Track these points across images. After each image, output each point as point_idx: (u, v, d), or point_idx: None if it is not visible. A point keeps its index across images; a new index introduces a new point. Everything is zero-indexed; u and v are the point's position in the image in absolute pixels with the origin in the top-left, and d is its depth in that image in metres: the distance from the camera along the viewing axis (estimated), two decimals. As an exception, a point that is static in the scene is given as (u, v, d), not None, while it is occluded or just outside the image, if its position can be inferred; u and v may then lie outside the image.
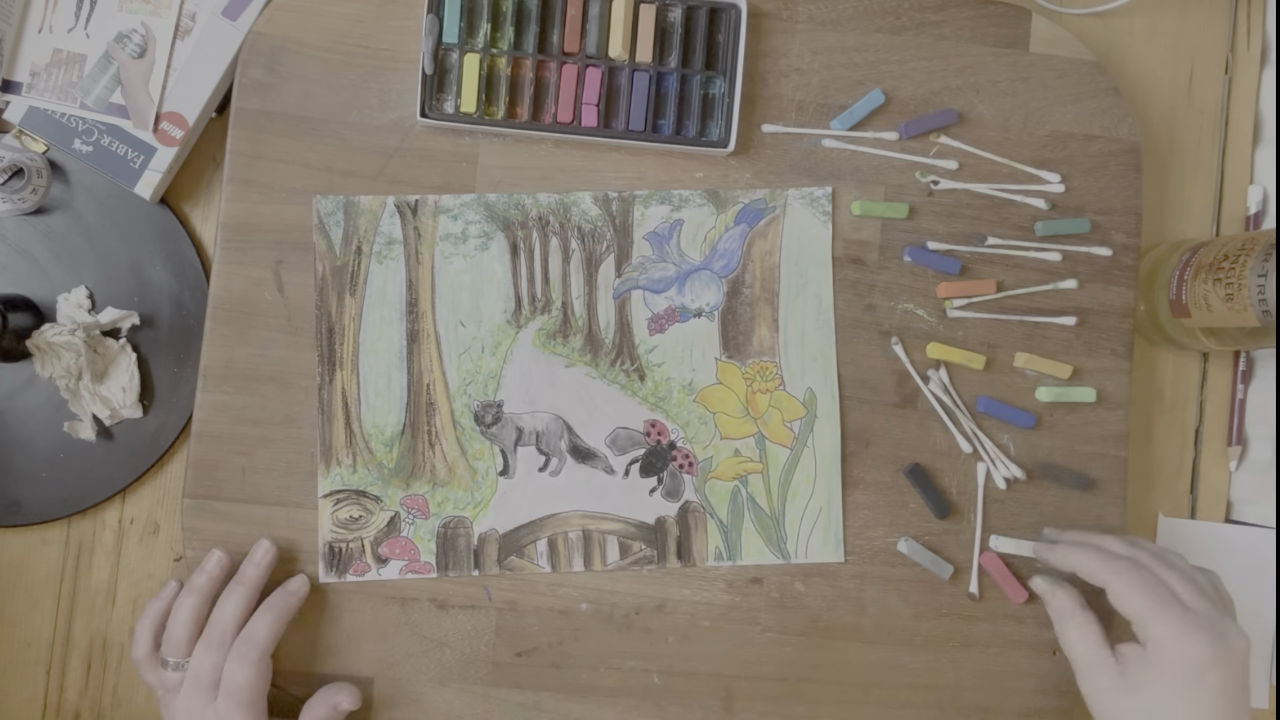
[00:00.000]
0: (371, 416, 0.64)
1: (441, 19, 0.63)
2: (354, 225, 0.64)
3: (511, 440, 0.64)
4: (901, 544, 0.66)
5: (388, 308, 0.64)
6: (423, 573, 0.64)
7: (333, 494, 0.63)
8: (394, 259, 0.64)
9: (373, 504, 0.64)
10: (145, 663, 0.60)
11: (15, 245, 0.66)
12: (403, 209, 0.64)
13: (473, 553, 0.64)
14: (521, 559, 0.64)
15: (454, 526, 0.64)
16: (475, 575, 0.64)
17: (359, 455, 0.64)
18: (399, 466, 0.64)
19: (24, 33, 0.64)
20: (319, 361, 0.64)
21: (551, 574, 0.64)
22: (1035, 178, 0.67)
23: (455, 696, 0.64)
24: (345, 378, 0.64)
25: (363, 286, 0.64)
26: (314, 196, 0.64)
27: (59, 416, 0.66)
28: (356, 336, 0.64)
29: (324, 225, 0.64)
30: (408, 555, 0.64)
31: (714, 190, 0.66)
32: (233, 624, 0.59)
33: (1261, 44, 0.73)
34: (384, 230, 0.64)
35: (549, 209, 0.65)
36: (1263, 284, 0.60)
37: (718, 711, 0.65)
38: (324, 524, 0.63)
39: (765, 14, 0.66)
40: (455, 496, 0.64)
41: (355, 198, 0.64)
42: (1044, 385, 0.67)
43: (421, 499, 0.64)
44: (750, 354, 0.66)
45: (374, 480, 0.64)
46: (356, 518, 0.64)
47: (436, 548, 0.64)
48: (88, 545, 0.68)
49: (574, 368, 0.65)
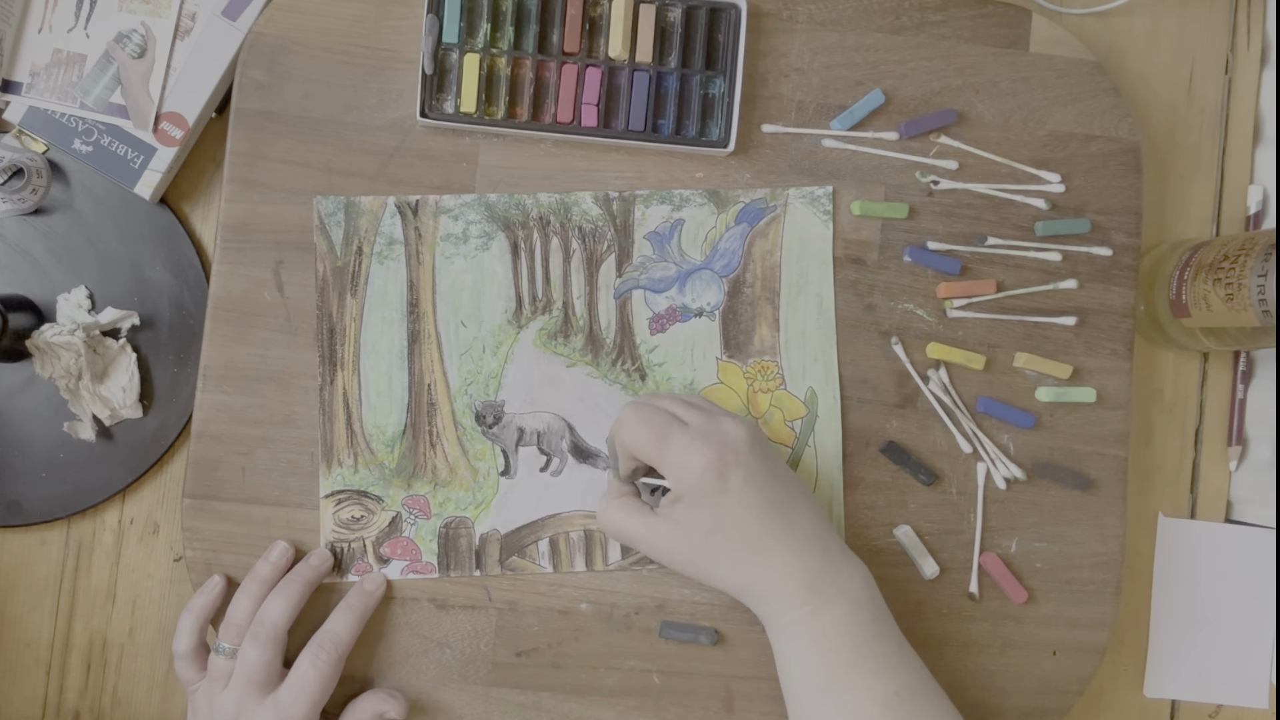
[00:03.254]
0: (373, 417, 0.64)
1: (441, 19, 0.63)
2: (355, 226, 0.64)
3: (513, 440, 0.64)
4: (898, 530, 0.66)
5: (389, 308, 0.64)
6: (424, 573, 0.64)
7: (334, 494, 0.63)
8: (395, 259, 0.64)
9: (374, 504, 0.64)
10: (188, 657, 0.60)
11: (15, 245, 0.66)
12: (403, 209, 0.64)
13: (474, 553, 0.64)
14: (523, 559, 0.64)
15: (455, 527, 0.64)
16: (477, 575, 0.64)
17: (360, 456, 0.64)
18: (400, 467, 0.64)
19: (24, 33, 0.64)
20: (320, 362, 0.64)
21: (552, 574, 0.64)
22: (1035, 178, 0.67)
23: (455, 696, 0.64)
24: (346, 378, 0.64)
25: (363, 287, 0.64)
26: (314, 197, 0.64)
27: (59, 416, 0.66)
28: (357, 337, 0.64)
29: (325, 226, 0.64)
30: (409, 555, 0.64)
31: (714, 190, 0.66)
32: (284, 620, 0.59)
33: (1261, 44, 0.73)
34: (385, 230, 0.64)
35: (549, 209, 0.65)
36: (1263, 284, 0.60)
37: (718, 711, 0.65)
38: (325, 524, 0.63)
39: (765, 14, 0.66)
40: (457, 497, 0.64)
41: (356, 198, 0.64)
42: (1044, 385, 0.67)
43: (423, 499, 0.64)
44: (751, 353, 0.66)
45: (375, 480, 0.64)
46: (358, 518, 0.64)
47: (438, 548, 0.64)
48: (88, 545, 0.68)
49: (575, 368, 0.65)
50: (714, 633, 0.64)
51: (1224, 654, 0.71)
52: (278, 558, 0.62)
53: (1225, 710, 0.71)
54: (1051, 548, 0.67)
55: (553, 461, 0.65)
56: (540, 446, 0.65)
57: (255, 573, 0.61)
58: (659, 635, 0.64)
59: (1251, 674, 0.71)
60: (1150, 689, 0.71)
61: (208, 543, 0.63)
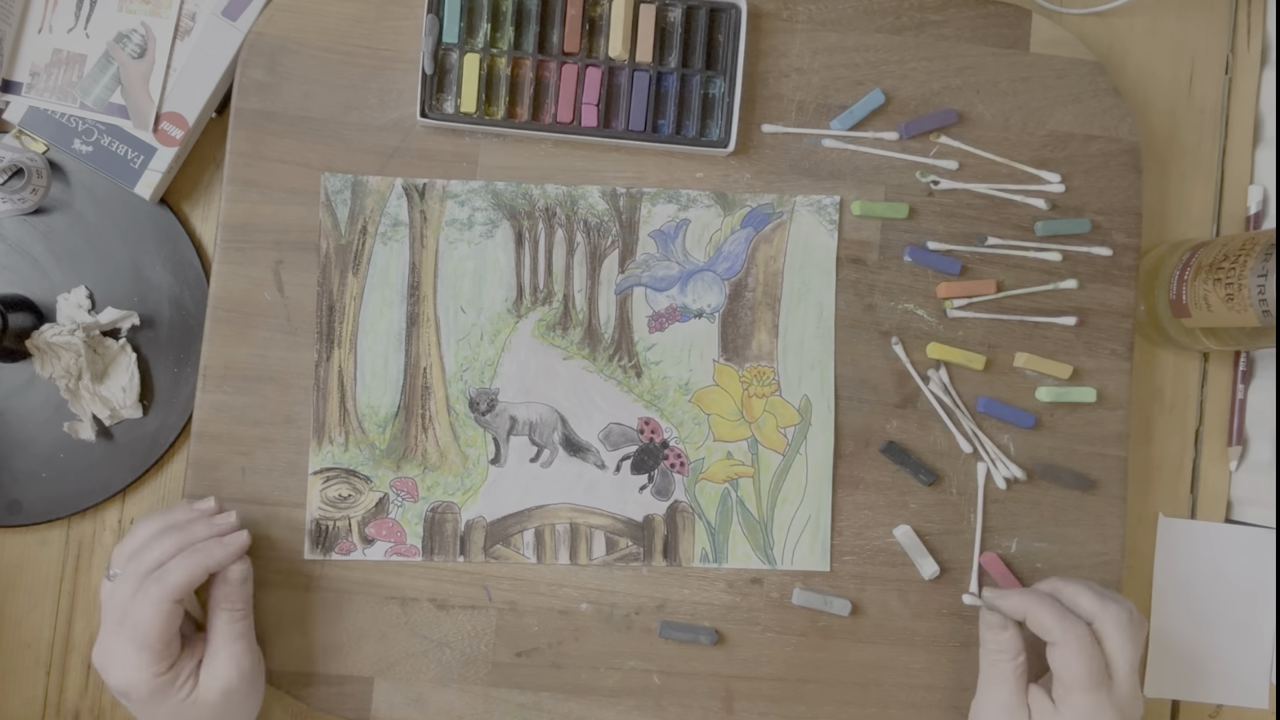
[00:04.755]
0: (366, 396, 0.64)
1: (441, 19, 0.63)
2: (360, 205, 0.64)
3: (505, 429, 0.65)
4: (898, 530, 0.66)
5: (389, 289, 0.64)
6: (408, 555, 0.64)
7: (323, 471, 0.63)
8: (398, 241, 0.64)
9: (362, 484, 0.64)
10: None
11: (15, 245, 0.66)
12: (410, 191, 0.64)
13: (459, 539, 0.64)
14: (508, 548, 0.64)
15: (442, 511, 0.64)
16: (461, 562, 0.64)
17: (351, 434, 0.64)
18: (391, 448, 0.64)
19: (24, 33, 0.64)
20: (318, 338, 0.64)
21: (547, 571, 0.64)
22: (1035, 178, 0.67)
23: (455, 696, 0.64)
24: (343, 356, 0.64)
25: (365, 266, 0.64)
26: (322, 174, 0.64)
27: (59, 416, 0.66)
28: (356, 316, 0.64)
29: (330, 203, 0.64)
30: (394, 537, 0.64)
31: (722, 192, 0.66)
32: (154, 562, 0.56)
33: (1261, 44, 0.73)
34: (390, 211, 0.64)
35: (556, 200, 0.65)
36: (1263, 284, 0.60)
37: (718, 711, 0.65)
38: (312, 500, 0.63)
39: (765, 14, 0.66)
40: (445, 482, 0.64)
41: (363, 177, 0.64)
42: (1044, 385, 0.67)
43: (411, 482, 0.64)
44: (748, 358, 0.66)
45: (365, 460, 0.64)
46: (345, 496, 0.64)
47: (423, 531, 0.64)
48: (88, 545, 0.68)
49: (572, 360, 0.65)
50: (714, 632, 0.64)
51: (1224, 654, 0.71)
52: (204, 506, 0.59)
53: (1225, 710, 0.71)
54: (1052, 548, 0.67)
55: (543, 453, 0.65)
56: (532, 437, 0.65)
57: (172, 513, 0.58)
58: (659, 635, 0.64)
59: (1251, 674, 0.71)
60: (1150, 689, 0.71)
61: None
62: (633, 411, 0.65)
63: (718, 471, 0.65)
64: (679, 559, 0.65)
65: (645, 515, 0.65)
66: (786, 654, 0.65)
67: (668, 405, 0.65)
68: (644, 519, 0.65)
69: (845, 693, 0.65)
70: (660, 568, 0.65)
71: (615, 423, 0.65)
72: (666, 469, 0.65)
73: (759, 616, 0.65)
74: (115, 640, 0.56)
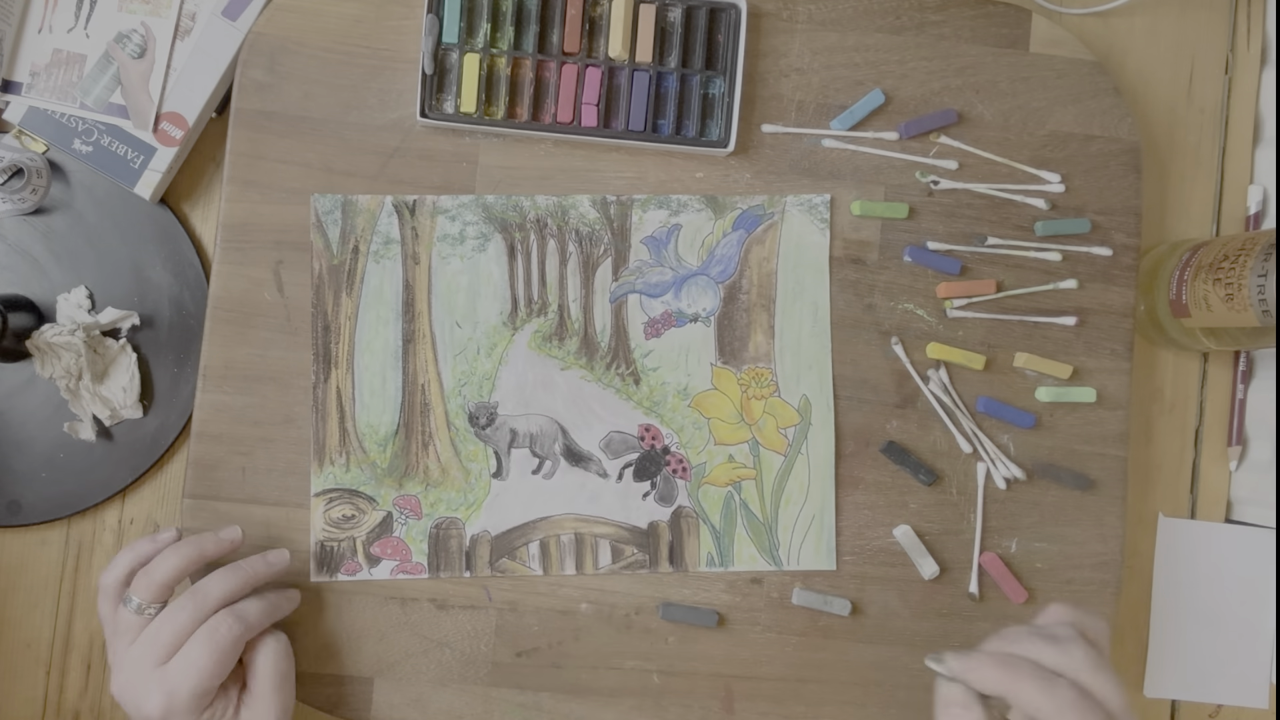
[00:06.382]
0: (366, 416, 0.64)
1: (441, 19, 0.63)
2: (351, 224, 0.64)
3: (505, 442, 0.64)
4: (897, 530, 0.66)
5: (384, 307, 0.64)
6: (414, 573, 0.64)
7: (325, 493, 0.63)
8: (391, 259, 0.64)
9: (365, 504, 0.64)
10: (110, 590, 0.57)
11: (15, 245, 0.66)
12: (400, 209, 0.64)
13: (464, 554, 0.64)
14: (513, 561, 0.64)
15: (446, 527, 0.64)
16: (467, 577, 0.64)
17: (352, 455, 0.64)
18: (392, 466, 0.64)
19: (24, 33, 0.64)
20: (314, 360, 0.64)
21: (546, 576, 0.64)
22: (1035, 178, 0.67)
23: (455, 696, 0.64)
24: (340, 377, 0.64)
25: (359, 285, 0.64)
26: (312, 195, 0.64)
27: (59, 416, 0.66)
28: (352, 335, 0.64)
29: (321, 224, 0.64)
30: (399, 555, 0.64)
31: (712, 195, 0.66)
32: (217, 600, 0.56)
33: (1261, 44, 0.73)
34: (381, 230, 0.64)
35: (547, 211, 0.65)
36: (1263, 284, 0.60)
37: (718, 711, 0.65)
38: (316, 523, 0.63)
39: (765, 14, 0.66)
40: (448, 497, 0.64)
41: (353, 197, 0.64)
42: (1044, 385, 0.67)
43: (414, 499, 0.64)
44: (746, 360, 0.66)
45: (367, 480, 0.64)
46: (349, 517, 0.64)
47: (428, 548, 0.64)
48: (88, 545, 0.68)
49: (569, 371, 0.65)
50: (715, 615, 0.64)
51: (1224, 654, 0.71)
52: (229, 535, 0.59)
53: (1225, 710, 0.71)
54: (1052, 548, 0.67)
55: (545, 464, 0.65)
56: (533, 449, 0.65)
57: (198, 541, 0.58)
58: (661, 617, 0.64)
59: (1251, 674, 0.71)
60: (1150, 689, 0.71)
61: (208, 543, 0.63)
62: (633, 419, 0.65)
63: (720, 475, 0.65)
64: (685, 564, 0.65)
65: (650, 522, 0.65)
66: (786, 654, 0.65)
67: (667, 411, 0.65)
68: (648, 526, 0.65)
69: (845, 693, 0.65)
70: (663, 573, 0.65)
71: (616, 431, 0.65)
72: (669, 475, 0.65)
73: (759, 616, 0.65)
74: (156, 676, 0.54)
